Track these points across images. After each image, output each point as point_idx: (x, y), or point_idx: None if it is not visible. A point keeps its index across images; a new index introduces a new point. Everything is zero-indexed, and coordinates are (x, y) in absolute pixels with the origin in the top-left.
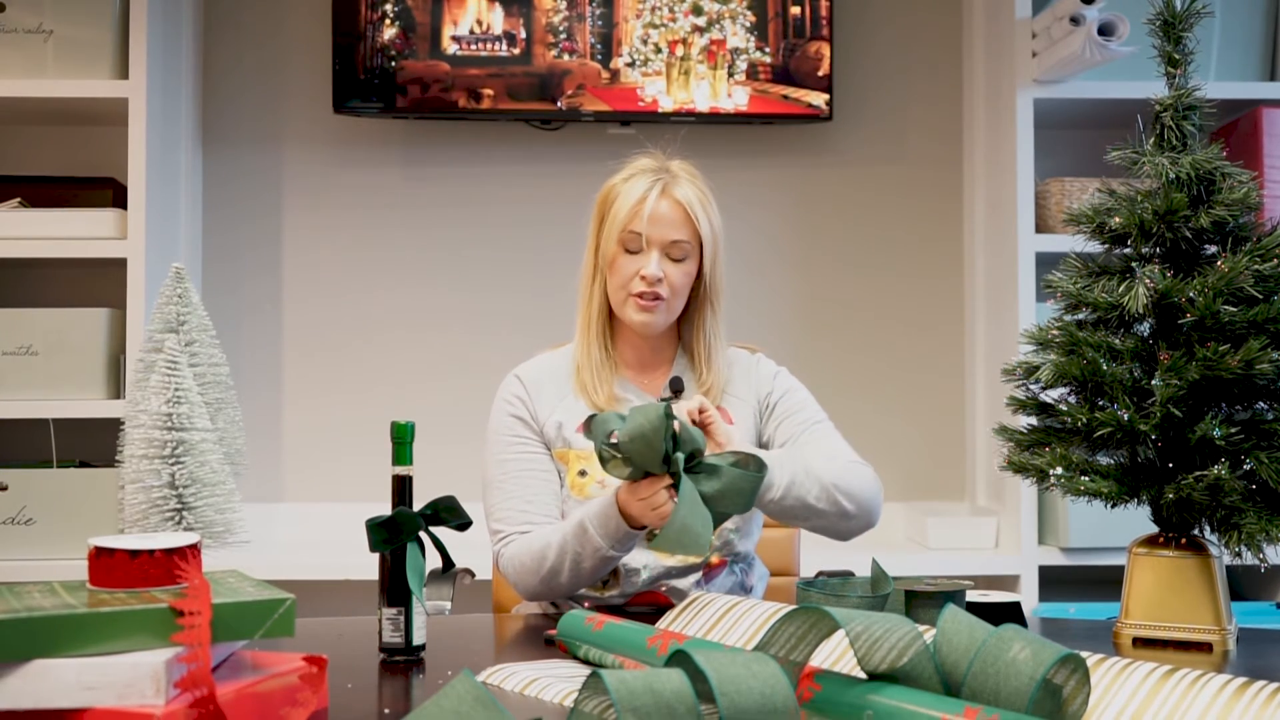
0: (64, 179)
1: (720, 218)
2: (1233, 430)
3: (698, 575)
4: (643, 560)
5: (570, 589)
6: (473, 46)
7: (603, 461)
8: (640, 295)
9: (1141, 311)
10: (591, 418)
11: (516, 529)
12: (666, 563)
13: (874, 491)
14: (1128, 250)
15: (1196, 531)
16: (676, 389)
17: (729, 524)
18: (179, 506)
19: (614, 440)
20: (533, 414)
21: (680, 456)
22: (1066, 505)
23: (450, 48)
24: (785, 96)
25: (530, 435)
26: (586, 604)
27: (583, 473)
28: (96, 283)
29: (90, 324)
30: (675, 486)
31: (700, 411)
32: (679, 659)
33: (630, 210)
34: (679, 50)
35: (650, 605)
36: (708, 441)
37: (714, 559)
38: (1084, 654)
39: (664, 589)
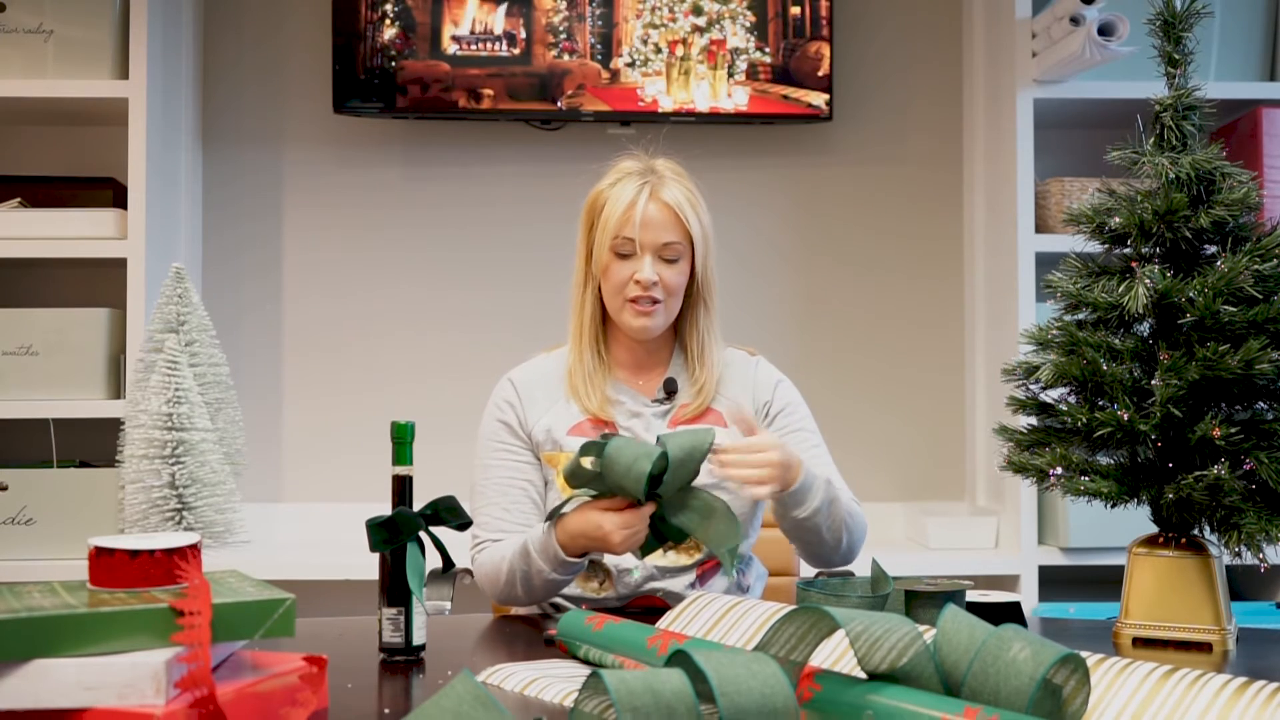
0: (64, 179)
1: (709, 216)
2: (1233, 430)
3: (692, 576)
4: (633, 560)
5: (530, 601)
6: (473, 46)
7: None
8: (637, 300)
9: (1141, 311)
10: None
11: (490, 536)
12: (658, 562)
13: (863, 536)
14: (1128, 250)
15: (1196, 531)
16: (670, 390)
17: None
18: (179, 506)
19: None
20: (521, 419)
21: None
22: (1066, 505)
23: (450, 48)
24: (785, 96)
25: (516, 442)
26: (584, 605)
27: None
28: (96, 283)
29: (90, 324)
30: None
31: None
32: (679, 659)
33: (620, 216)
34: (679, 50)
35: (646, 609)
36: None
37: (706, 560)
38: (1084, 654)
39: (659, 593)
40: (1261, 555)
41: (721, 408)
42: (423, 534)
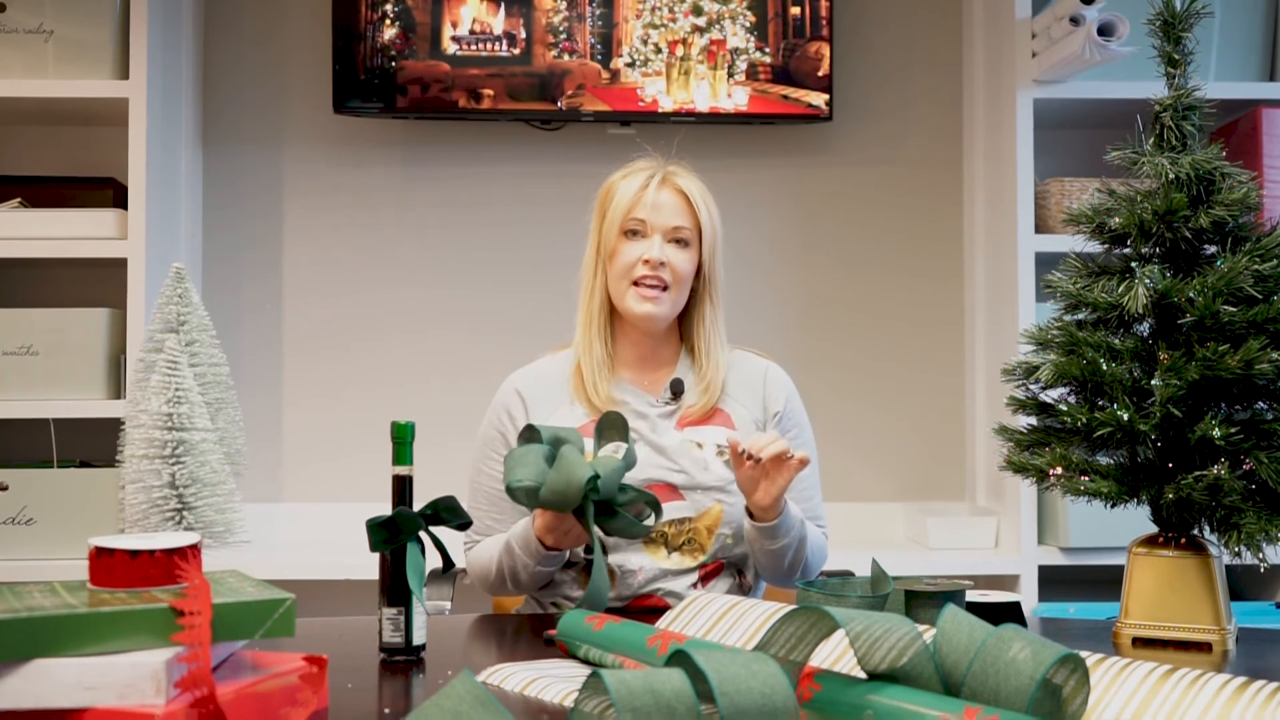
0: (64, 179)
1: (719, 215)
2: (1233, 430)
3: (695, 579)
4: (639, 562)
5: (520, 593)
6: (473, 47)
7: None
8: (644, 281)
9: (1141, 311)
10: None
11: (480, 536)
12: (662, 564)
13: (820, 565)
14: (1128, 250)
15: (1196, 531)
16: (677, 391)
17: (725, 529)
18: (179, 506)
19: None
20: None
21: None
22: (1066, 505)
23: (450, 48)
24: (785, 96)
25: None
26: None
27: None
28: (96, 283)
29: (90, 324)
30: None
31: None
32: (679, 659)
33: (632, 198)
34: (679, 50)
35: (649, 610)
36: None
37: (710, 563)
38: (1084, 654)
39: (661, 593)
40: (1261, 555)
41: (729, 409)
42: (423, 534)
